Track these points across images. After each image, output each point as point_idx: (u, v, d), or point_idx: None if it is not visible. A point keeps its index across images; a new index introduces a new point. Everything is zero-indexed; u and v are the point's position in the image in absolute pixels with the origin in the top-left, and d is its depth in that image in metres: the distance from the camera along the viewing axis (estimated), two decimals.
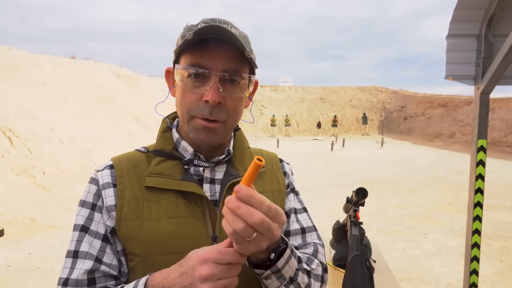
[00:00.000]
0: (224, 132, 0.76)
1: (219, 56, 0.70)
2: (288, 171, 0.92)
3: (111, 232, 0.73)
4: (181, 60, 0.74)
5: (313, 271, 0.77)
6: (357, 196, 1.47)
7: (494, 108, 21.06)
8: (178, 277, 0.60)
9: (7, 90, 10.34)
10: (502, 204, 6.92)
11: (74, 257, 0.71)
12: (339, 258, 1.64)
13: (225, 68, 0.71)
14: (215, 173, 0.80)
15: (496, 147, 17.59)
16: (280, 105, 34.62)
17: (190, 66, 0.71)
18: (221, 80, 0.71)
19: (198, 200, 0.75)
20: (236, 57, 0.72)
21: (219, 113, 0.72)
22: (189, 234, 0.72)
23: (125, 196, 0.73)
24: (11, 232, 5.05)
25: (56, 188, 7.13)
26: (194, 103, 0.72)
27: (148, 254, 0.71)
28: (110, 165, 0.78)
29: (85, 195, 0.76)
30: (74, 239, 0.73)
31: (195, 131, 0.74)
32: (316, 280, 0.77)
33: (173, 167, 0.77)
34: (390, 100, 34.43)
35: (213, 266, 0.58)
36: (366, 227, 5.22)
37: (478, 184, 1.99)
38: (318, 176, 10.36)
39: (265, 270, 0.65)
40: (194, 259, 0.59)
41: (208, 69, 0.70)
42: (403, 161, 13.86)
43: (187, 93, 0.72)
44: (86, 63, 18.83)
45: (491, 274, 3.92)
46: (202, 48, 0.70)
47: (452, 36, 1.97)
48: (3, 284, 3.60)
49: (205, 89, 0.71)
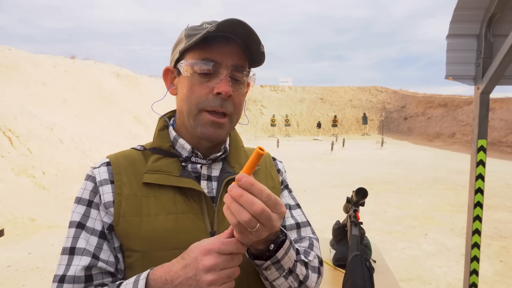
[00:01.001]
0: (230, 127, 0.78)
1: (228, 52, 0.74)
2: (282, 168, 0.95)
3: (108, 229, 0.73)
4: (187, 57, 0.76)
5: (310, 263, 0.78)
6: (357, 196, 1.47)
7: (494, 108, 21.06)
8: (181, 270, 0.60)
9: (7, 90, 10.34)
10: (502, 204, 6.91)
11: (70, 254, 0.70)
12: (339, 258, 1.64)
13: (234, 64, 0.74)
14: (212, 170, 0.81)
15: (496, 147, 17.59)
16: (280, 105, 34.60)
17: (202, 61, 0.73)
18: (230, 75, 0.74)
19: (196, 197, 0.76)
20: (242, 54, 0.76)
21: (228, 106, 0.75)
22: (187, 229, 0.73)
23: (123, 193, 0.74)
24: (11, 232, 5.05)
25: (56, 188, 7.13)
26: (203, 96, 0.74)
27: (147, 249, 0.71)
28: (107, 162, 0.79)
29: (81, 192, 0.76)
30: (70, 236, 0.73)
31: (202, 126, 0.75)
32: (314, 272, 0.78)
33: (171, 164, 0.78)
34: (390, 100, 34.43)
35: (216, 256, 0.59)
36: (366, 227, 5.21)
37: (478, 184, 1.99)
38: (318, 176, 10.36)
39: (264, 261, 0.66)
40: (197, 250, 0.60)
41: (219, 63, 0.73)
42: (403, 161, 13.86)
43: (195, 87, 0.74)
44: (86, 63, 18.83)
45: (491, 274, 3.92)
46: (212, 44, 0.73)
47: (452, 36, 1.97)
48: (3, 284, 3.60)
49: (215, 82, 0.73)
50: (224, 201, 0.57)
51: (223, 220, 0.76)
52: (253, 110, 33.18)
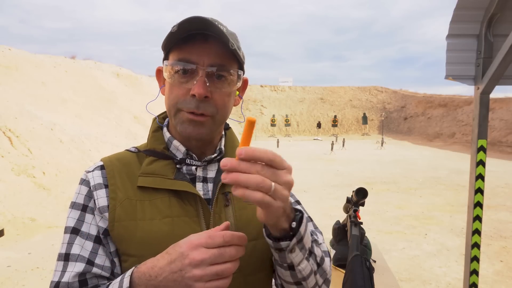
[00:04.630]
0: (213, 126, 0.76)
1: (206, 52, 0.71)
2: None
3: (104, 233, 0.72)
4: (169, 57, 0.75)
5: (322, 248, 0.77)
6: (357, 196, 1.47)
7: (494, 108, 21.06)
8: (166, 265, 0.59)
9: (7, 90, 10.33)
10: (502, 204, 6.92)
11: (65, 260, 0.70)
12: (339, 258, 1.64)
13: (212, 63, 0.71)
14: (207, 171, 0.80)
15: (496, 147, 17.59)
16: (280, 105, 34.59)
17: (178, 62, 0.72)
18: (209, 75, 0.72)
19: (192, 199, 0.75)
20: (223, 52, 0.72)
21: (206, 107, 0.73)
22: (183, 233, 0.71)
23: (118, 197, 0.73)
24: (11, 232, 5.06)
25: (56, 188, 7.13)
26: (181, 97, 0.73)
27: (143, 254, 0.70)
28: (101, 165, 0.78)
29: (75, 196, 0.75)
30: (65, 242, 0.72)
31: (181, 124, 0.74)
32: (326, 256, 0.77)
33: (166, 166, 0.77)
34: (390, 100, 34.43)
35: (203, 251, 0.57)
36: (366, 227, 5.21)
37: (478, 184, 1.99)
38: (318, 176, 10.36)
39: (289, 241, 0.62)
40: (184, 246, 0.59)
41: (195, 64, 0.71)
42: (403, 161, 13.86)
43: (174, 88, 0.73)
44: (86, 63, 18.83)
45: (491, 274, 3.92)
46: (189, 43, 0.71)
47: (452, 36, 1.97)
48: (3, 284, 3.60)
49: (192, 83, 0.71)
50: (228, 181, 0.53)
51: (219, 222, 0.75)
52: (253, 110, 33.17)
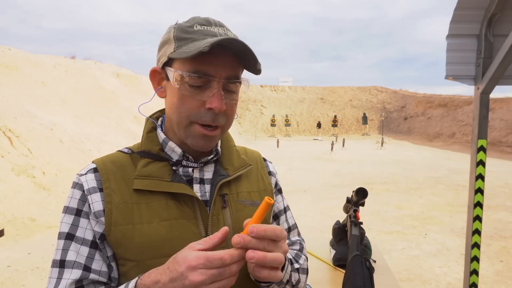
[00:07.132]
0: (221, 135, 0.77)
1: (222, 64, 0.70)
2: (273, 170, 0.95)
3: (100, 238, 0.71)
4: (176, 63, 0.71)
5: (301, 267, 0.85)
6: (357, 196, 1.47)
7: (494, 108, 21.06)
8: (168, 282, 0.59)
9: (7, 90, 10.33)
10: (502, 204, 6.91)
11: (60, 267, 0.68)
12: (339, 258, 1.64)
13: (228, 75, 0.71)
14: (204, 173, 0.79)
15: (496, 147, 17.59)
16: (280, 105, 34.58)
17: (194, 73, 0.69)
18: (223, 87, 0.71)
19: (189, 201, 0.74)
20: (235, 64, 0.72)
21: (221, 119, 0.73)
22: (182, 235, 0.71)
23: (113, 201, 0.71)
24: (11, 232, 5.05)
25: (56, 188, 7.13)
26: (194, 109, 0.70)
27: (141, 258, 0.69)
28: (94, 168, 0.75)
29: (68, 200, 0.73)
30: (59, 248, 0.70)
31: (193, 138, 0.73)
32: (303, 274, 0.85)
33: (162, 168, 0.75)
34: (390, 100, 34.43)
35: (202, 272, 0.57)
36: (366, 227, 5.21)
37: (478, 184, 1.99)
38: (318, 176, 10.36)
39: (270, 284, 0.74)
40: (183, 265, 0.58)
41: (213, 76, 0.69)
42: (403, 161, 13.86)
43: (186, 99, 0.70)
44: (86, 63, 18.82)
45: (491, 274, 3.92)
46: (206, 55, 0.67)
47: (452, 36, 1.97)
48: (3, 284, 3.60)
49: (207, 95, 0.70)
50: (246, 258, 0.59)
51: (217, 224, 0.75)
52: (253, 110, 33.17)
